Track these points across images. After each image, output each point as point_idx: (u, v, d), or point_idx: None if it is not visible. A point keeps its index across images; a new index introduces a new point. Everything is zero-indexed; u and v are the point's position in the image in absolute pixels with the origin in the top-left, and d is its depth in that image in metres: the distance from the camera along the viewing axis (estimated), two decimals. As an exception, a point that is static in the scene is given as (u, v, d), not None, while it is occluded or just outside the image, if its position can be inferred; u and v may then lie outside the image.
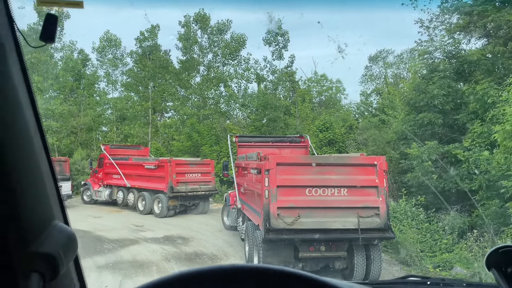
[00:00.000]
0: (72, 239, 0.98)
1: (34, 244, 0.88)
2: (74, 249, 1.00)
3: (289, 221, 8.17)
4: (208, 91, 30.96)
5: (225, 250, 11.40)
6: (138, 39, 32.04)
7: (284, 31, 29.55)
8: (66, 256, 0.93)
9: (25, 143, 0.89)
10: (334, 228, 8.19)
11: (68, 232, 0.98)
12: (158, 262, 9.98)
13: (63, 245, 0.93)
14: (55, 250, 0.89)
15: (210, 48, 31.65)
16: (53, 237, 0.92)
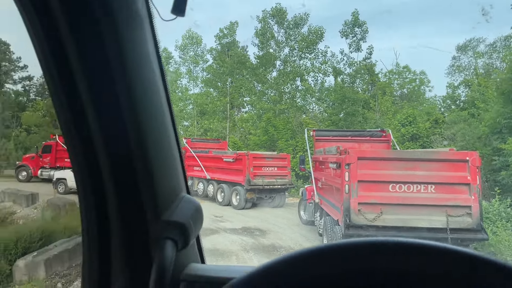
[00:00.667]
0: (199, 210, 1.02)
1: (166, 213, 0.92)
2: (202, 220, 1.03)
3: (370, 217, 7.92)
4: (285, 85, 31.00)
5: (303, 244, 11.36)
6: (218, 36, 33.06)
7: (362, 22, 28.55)
8: (195, 226, 0.96)
9: (159, 120, 0.94)
10: (419, 227, 7.79)
11: (196, 204, 1.02)
12: (237, 252, 10.24)
13: (192, 215, 0.96)
14: (186, 220, 0.93)
15: (286, 42, 31.65)
16: (182, 208, 0.96)
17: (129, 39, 0.83)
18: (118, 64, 0.82)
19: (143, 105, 0.88)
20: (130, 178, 0.90)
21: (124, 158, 0.89)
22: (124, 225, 0.93)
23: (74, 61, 0.81)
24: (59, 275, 8.11)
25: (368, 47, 29.62)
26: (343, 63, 30.33)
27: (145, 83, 0.89)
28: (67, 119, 0.87)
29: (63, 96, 0.84)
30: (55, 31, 0.78)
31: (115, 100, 0.84)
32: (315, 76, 31.19)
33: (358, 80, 30.46)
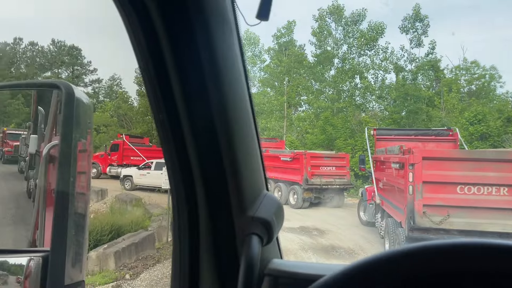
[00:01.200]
0: (281, 207, 1.04)
1: (251, 210, 0.96)
2: (283, 217, 1.05)
3: (436, 220, 7.59)
4: (343, 83, 30.42)
5: (363, 245, 11.09)
6: (275, 35, 33.15)
7: (424, 16, 27.27)
8: (278, 222, 0.99)
9: (244, 119, 0.98)
10: (491, 231, 7.34)
11: (277, 201, 1.05)
12: (295, 251, 10.23)
13: (275, 212, 0.99)
14: (269, 216, 0.96)
15: (344, 39, 31.04)
16: (266, 205, 0.99)
17: (220, 43, 0.88)
18: (209, 66, 0.87)
19: (231, 105, 0.92)
20: (218, 175, 0.94)
21: (213, 155, 0.93)
22: (212, 219, 0.97)
23: (170, 63, 0.86)
24: (127, 267, 8.58)
25: (431, 42, 28.30)
26: (404, 60, 29.18)
27: (233, 85, 0.93)
28: (161, 119, 0.92)
29: (159, 97, 0.90)
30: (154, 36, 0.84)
31: (206, 101, 0.89)
32: (375, 73, 30.30)
33: (421, 76, 29.13)
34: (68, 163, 0.86)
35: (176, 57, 0.86)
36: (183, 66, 0.87)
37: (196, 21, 0.83)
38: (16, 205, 1.15)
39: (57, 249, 0.81)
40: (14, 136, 1.32)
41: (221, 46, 0.88)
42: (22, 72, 52.34)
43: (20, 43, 53.74)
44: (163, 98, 0.90)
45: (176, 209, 0.98)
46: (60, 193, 0.85)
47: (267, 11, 0.89)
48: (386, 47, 29.80)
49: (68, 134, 0.87)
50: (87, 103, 0.95)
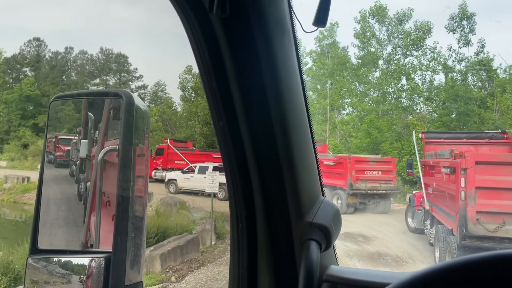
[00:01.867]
0: (338, 213, 1.04)
1: (308, 216, 0.96)
2: (341, 223, 1.05)
3: (491, 227, 7.21)
4: (388, 85, 29.63)
5: (411, 253, 10.70)
6: (318, 38, 32.88)
7: (471, 14, 26.07)
8: (336, 228, 1.00)
9: (302, 129, 1.00)
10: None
11: (335, 207, 1.05)
12: (340, 258, 9.93)
13: (332, 219, 0.99)
14: (327, 222, 0.96)
15: (389, 40, 30.26)
16: (323, 211, 0.99)
17: (279, 51, 0.90)
18: (268, 74, 0.89)
19: (289, 112, 0.94)
20: (276, 181, 0.96)
21: (271, 162, 0.95)
22: (270, 224, 0.99)
23: (230, 71, 0.89)
24: (172, 269, 8.77)
25: (479, 40, 26.99)
26: (452, 60, 28.00)
27: (291, 92, 0.95)
28: (221, 125, 0.95)
29: (219, 103, 0.93)
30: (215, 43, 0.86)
31: (265, 108, 0.91)
32: (423, 74, 29.25)
33: (471, 77, 27.83)
34: (128, 168, 0.89)
35: (236, 65, 0.88)
36: (243, 73, 0.89)
37: (256, 28, 0.86)
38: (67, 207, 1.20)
39: (119, 251, 0.84)
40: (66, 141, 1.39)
41: (280, 54, 0.90)
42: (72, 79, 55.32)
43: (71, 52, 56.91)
44: (223, 105, 0.92)
45: (234, 213, 1.00)
46: (121, 197, 0.87)
47: (324, 18, 0.90)
48: (434, 47, 28.79)
49: (128, 140, 0.90)
50: (145, 110, 0.99)
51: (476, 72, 27.66)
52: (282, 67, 0.91)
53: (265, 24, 0.86)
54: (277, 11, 0.89)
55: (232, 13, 0.81)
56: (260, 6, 0.85)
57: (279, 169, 0.94)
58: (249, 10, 0.84)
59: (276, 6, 0.88)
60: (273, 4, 0.88)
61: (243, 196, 0.98)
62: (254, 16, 0.85)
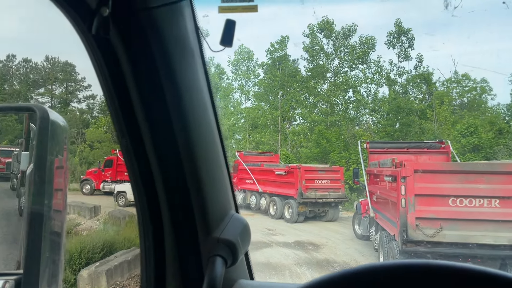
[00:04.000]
0: (247, 228, 1.06)
1: (216, 231, 0.98)
2: (249, 238, 1.08)
3: (429, 232, 7.60)
4: (336, 97, 30.66)
5: (358, 259, 11.05)
6: (269, 50, 33.46)
7: (407, 29, 27.73)
8: (243, 243, 1.01)
9: (210, 143, 1.02)
10: (483, 243, 7.36)
11: (244, 222, 1.07)
12: (290, 266, 10.16)
13: (240, 233, 1.01)
14: (234, 238, 0.97)
15: (336, 53, 31.42)
16: (232, 226, 1.01)
17: (182, 69, 0.92)
18: (171, 92, 0.90)
19: (195, 128, 0.95)
20: (182, 197, 0.96)
21: (177, 179, 0.95)
22: (177, 241, 0.98)
23: (133, 92, 0.89)
24: (119, 285, 8.48)
25: (417, 55, 28.73)
26: (393, 73, 29.56)
27: (197, 109, 0.97)
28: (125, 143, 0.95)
29: (121, 122, 0.93)
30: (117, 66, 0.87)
31: (169, 125, 0.92)
32: (368, 87, 30.60)
33: (412, 89, 29.46)
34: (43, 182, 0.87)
35: (137, 83, 0.89)
36: (144, 92, 0.90)
37: (157, 49, 0.86)
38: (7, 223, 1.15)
39: (30, 271, 0.81)
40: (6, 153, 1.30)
41: (184, 72, 0.92)
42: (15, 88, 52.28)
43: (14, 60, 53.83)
44: (126, 123, 0.92)
45: (141, 231, 1.00)
46: (33, 214, 0.85)
47: (230, 38, 0.94)
48: (378, 61, 30.18)
49: (42, 156, 0.90)
50: (63, 124, 0.98)
51: (417, 85, 29.28)
52: (186, 84, 0.93)
53: (165, 43, 0.87)
54: (179, 31, 0.90)
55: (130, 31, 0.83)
56: (159, 25, 0.86)
57: (185, 186, 0.95)
58: (146, 29, 0.85)
59: (177, 26, 0.90)
60: (174, 23, 0.89)
61: (150, 213, 0.97)
62: (153, 35, 0.85)
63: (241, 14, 1.07)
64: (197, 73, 0.97)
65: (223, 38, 0.96)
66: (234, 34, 0.96)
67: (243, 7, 0.99)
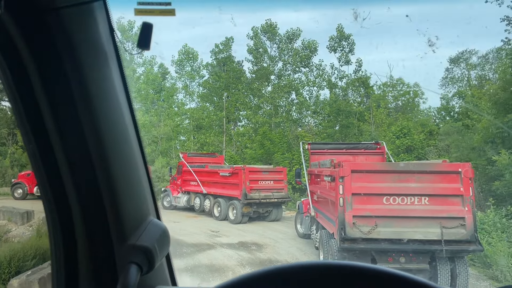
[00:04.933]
0: (165, 234, 1.05)
1: (132, 238, 0.95)
2: (168, 244, 1.06)
3: (365, 230, 7.93)
4: (280, 99, 31.21)
5: (299, 258, 11.33)
6: (214, 51, 33.32)
7: (348, 35, 28.90)
8: (161, 250, 0.99)
9: (125, 147, 0.99)
10: (414, 239, 7.81)
11: (162, 227, 1.05)
12: (233, 267, 10.20)
13: (158, 240, 0.99)
14: (151, 244, 0.95)
15: (279, 56, 32.01)
16: (149, 232, 0.99)
17: (93, 74, 0.89)
18: (81, 97, 0.88)
19: (108, 133, 0.92)
20: (96, 204, 0.93)
21: (89, 185, 0.92)
22: (91, 249, 0.95)
23: (40, 97, 0.86)
24: (53, 294, 8.05)
25: (357, 60, 29.98)
26: (334, 77, 30.65)
27: (111, 113, 0.94)
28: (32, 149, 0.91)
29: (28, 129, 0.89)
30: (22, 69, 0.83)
31: (80, 131, 0.89)
32: (310, 89, 31.47)
33: (352, 93, 30.70)
34: None
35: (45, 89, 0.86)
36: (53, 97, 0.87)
37: (65, 52, 0.84)
38: None
39: None
40: None
41: (96, 76, 0.90)
42: None
43: None
44: (33, 129, 0.89)
45: (52, 242, 0.96)
46: None
47: (147, 41, 0.94)
48: (319, 65, 31.12)
49: None
50: None
51: (356, 89, 30.55)
52: (98, 88, 0.90)
53: (75, 46, 0.85)
54: (92, 33, 0.88)
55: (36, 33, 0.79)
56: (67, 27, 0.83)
57: (98, 193, 0.92)
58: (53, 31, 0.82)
59: (89, 28, 0.88)
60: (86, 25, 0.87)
61: (61, 223, 0.94)
62: (61, 37, 0.83)
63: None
64: (112, 76, 0.94)
65: (140, 41, 0.94)
66: (151, 37, 0.95)
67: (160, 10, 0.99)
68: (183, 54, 34.48)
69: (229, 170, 18.55)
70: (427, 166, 8.97)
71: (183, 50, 34.42)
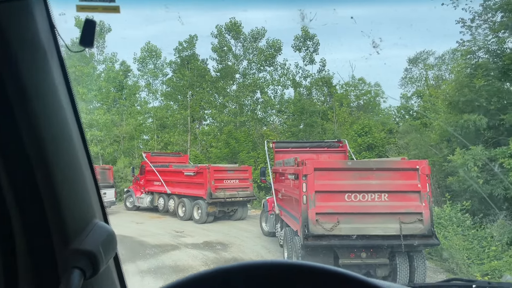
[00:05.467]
0: (111, 237, 1.01)
1: (75, 242, 0.92)
2: (114, 247, 1.03)
3: (328, 227, 8.07)
4: (244, 98, 31.22)
5: (264, 256, 11.39)
6: (177, 49, 32.85)
7: (312, 35, 29.32)
8: (106, 253, 0.96)
9: (67, 147, 0.95)
10: (375, 234, 8.02)
11: (108, 230, 1.02)
12: (198, 267, 10.11)
13: (102, 243, 0.96)
14: (95, 248, 0.92)
15: (244, 55, 32.00)
16: (93, 235, 0.96)
17: (31, 72, 0.86)
18: (18, 97, 0.84)
19: (48, 132, 0.89)
20: (36, 207, 0.89)
21: (28, 188, 0.89)
22: (31, 256, 0.91)
23: None
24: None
25: (321, 60, 30.43)
26: (299, 76, 30.98)
27: (51, 112, 0.91)
28: None
29: None
30: None
31: (16, 130, 0.85)
32: (275, 88, 31.65)
33: (315, 92, 31.15)
34: None
35: None
36: None
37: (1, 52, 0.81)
38: None
39: None
40: None
41: (34, 76, 0.87)
42: None
43: None
44: None
45: None
46: None
47: (90, 38, 0.91)
48: (284, 64, 31.36)
49: None
50: None
51: (319, 88, 31.04)
52: (37, 87, 0.87)
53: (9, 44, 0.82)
54: (29, 30, 0.85)
55: None
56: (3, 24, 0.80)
57: (38, 196, 0.89)
58: None
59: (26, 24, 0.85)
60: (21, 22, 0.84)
61: None
62: None
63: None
64: (52, 74, 0.91)
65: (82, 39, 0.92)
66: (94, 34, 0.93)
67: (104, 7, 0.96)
68: (146, 51, 33.78)
69: (193, 170, 18.40)
70: (386, 164, 9.24)
71: (146, 47, 33.73)
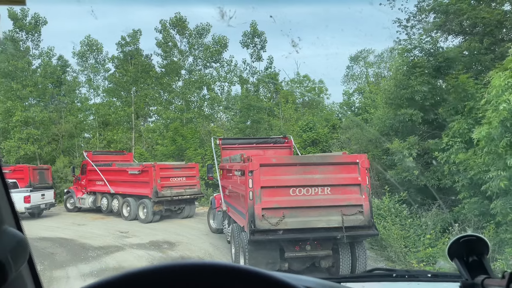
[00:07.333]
0: (22, 243, 0.97)
1: None
2: (25, 253, 0.98)
3: (274, 221, 8.19)
4: (191, 94, 30.84)
5: (212, 253, 11.37)
6: (120, 43, 31.71)
7: (260, 32, 29.55)
8: (16, 261, 0.91)
9: None
10: (318, 227, 8.24)
11: (18, 237, 0.97)
12: (144, 267, 9.88)
13: (12, 250, 0.91)
14: (3, 256, 0.88)
15: (190, 51, 31.58)
16: (2, 242, 0.91)
17: None
18: None
19: None
20: None
21: None
22: None
23: None
24: None
25: (268, 57, 30.74)
26: (246, 73, 31.11)
27: None
28: None
29: None
30: None
31: None
32: (221, 85, 31.54)
33: (262, 88, 31.44)
34: None
35: None
36: None
37: None
38: None
39: None
40: None
41: None
42: None
43: None
44: None
45: None
46: None
47: None
48: (230, 60, 31.33)
49: None
50: None
51: (266, 85, 31.36)
52: None
53: None
54: None
55: None
56: None
57: None
58: None
59: None
60: None
61: None
62: None
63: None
64: None
65: None
66: None
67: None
68: (86, 45, 32.29)
69: (138, 168, 17.93)
70: (328, 158, 9.54)
71: (86, 41, 32.23)
